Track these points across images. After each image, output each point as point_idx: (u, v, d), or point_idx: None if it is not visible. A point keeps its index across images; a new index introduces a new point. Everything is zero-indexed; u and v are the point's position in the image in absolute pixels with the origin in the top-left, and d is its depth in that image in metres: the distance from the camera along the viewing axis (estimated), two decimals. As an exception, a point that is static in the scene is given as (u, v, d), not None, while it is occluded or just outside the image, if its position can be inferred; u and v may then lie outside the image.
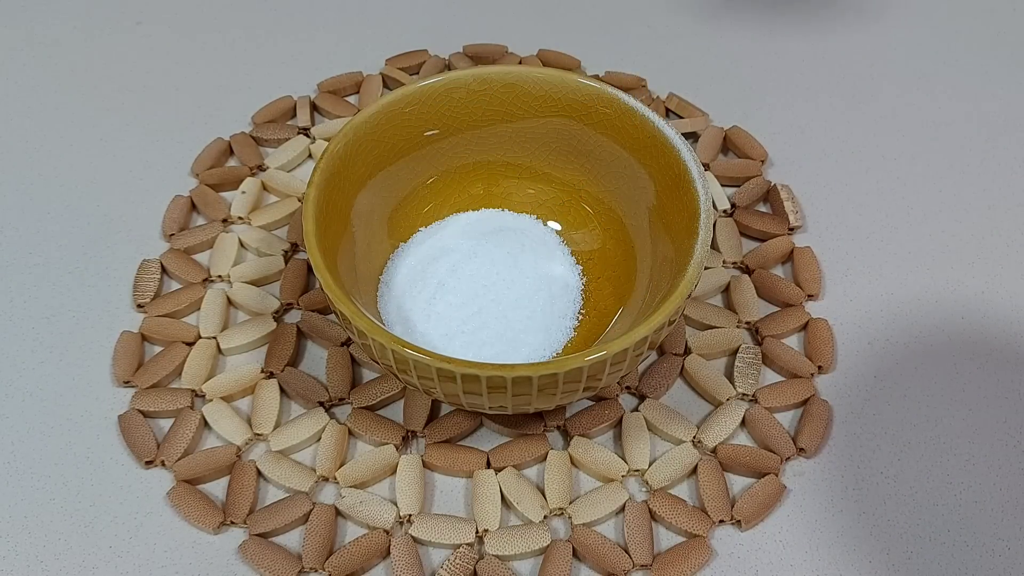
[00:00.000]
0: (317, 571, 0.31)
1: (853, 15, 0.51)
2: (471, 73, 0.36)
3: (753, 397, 0.35)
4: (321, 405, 0.34)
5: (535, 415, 0.34)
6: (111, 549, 0.31)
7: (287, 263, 0.39)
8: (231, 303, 0.38)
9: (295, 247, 0.40)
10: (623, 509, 0.32)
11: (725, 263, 0.39)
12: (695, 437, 0.34)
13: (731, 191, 0.42)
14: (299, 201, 0.41)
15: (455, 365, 0.27)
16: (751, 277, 0.38)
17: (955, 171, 0.43)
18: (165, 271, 0.39)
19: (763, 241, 0.40)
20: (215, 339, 0.36)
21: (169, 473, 0.33)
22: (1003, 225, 0.41)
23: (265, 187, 0.42)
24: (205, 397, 0.35)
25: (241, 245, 0.40)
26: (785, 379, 0.36)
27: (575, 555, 0.31)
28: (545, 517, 0.32)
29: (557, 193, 0.38)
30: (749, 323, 0.37)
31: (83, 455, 0.34)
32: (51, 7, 0.51)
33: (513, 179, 0.38)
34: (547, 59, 0.48)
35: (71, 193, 0.42)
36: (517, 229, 0.37)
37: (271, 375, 0.35)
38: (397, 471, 0.33)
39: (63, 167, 0.43)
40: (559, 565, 0.30)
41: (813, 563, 0.31)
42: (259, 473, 0.33)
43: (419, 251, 0.36)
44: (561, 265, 0.36)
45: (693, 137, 0.45)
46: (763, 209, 0.42)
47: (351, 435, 0.34)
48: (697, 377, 0.35)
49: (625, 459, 0.33)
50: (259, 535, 0.31)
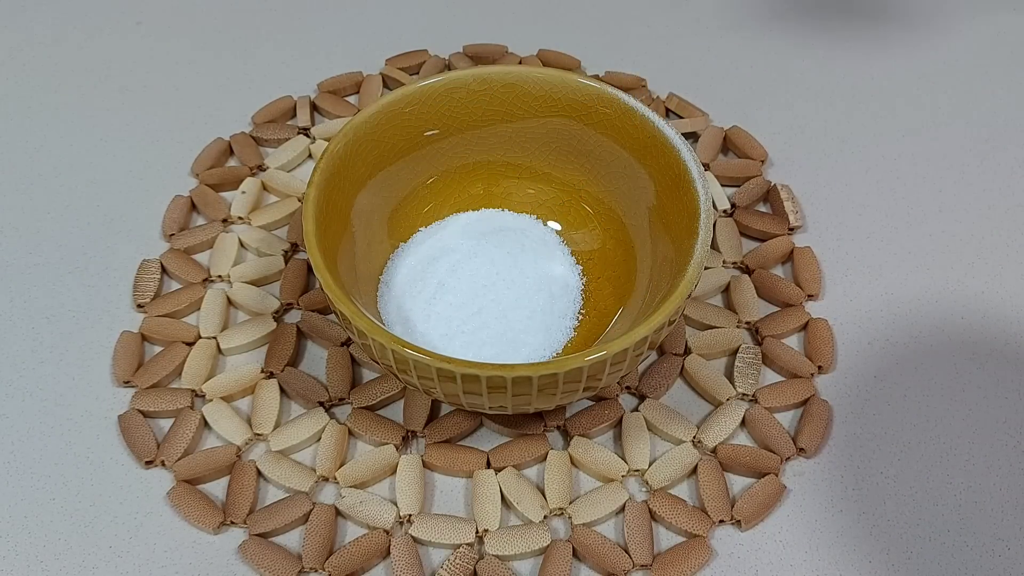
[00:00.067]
0: (317, 571, 0.31)
1: (853, 16, 0.51)
2: (471, 73, 0.36)
3: (753, 397, 0.35)
4: (321, 405, 0.34)
5: (535, 415, 0.34)
6: (111, 549, 0.31)
7: (287, 263, 0.39)
8: (231, 303, 0.38)
9: (295, 247, 0.40)
10: (623, 509, 0.32)
11: (725, 263, 0.39)
12: (695, 437, 0.34)
13: (731, 191, 0.42)
14: (299, 201, 0.41)
15: (455, 365, 0.27)
16: (751, 277, 0.38)
17: (955, 171, 0.43)
18: (165, 271, 0.39)
19: (763, 241, 0.40)
20: (215, 339, 0.36)
21: (169, 473, 0.33)
22: (1003, 225, 0.41)
23: (265, 187, 0.42)
24: (205, 397, 0.35)
25: (241, 245, 0.40)
26: (785, 379, 0.36)
27: (575, 555, 0.31)
28: (545, 517, 0.32)
29: (557, 193, 0.38)
30: (749, 323, 0.37)
31: (83, 455, 0.34)
32: (51, 7, 0.51)
33: (513, 179, 0.38)
34: (547, 59, 0.48)
35: (71, 193, 0.42)
36: (517, 229, 0.37)
37: (271, 375, 0.35)
38: (397, 471, 0.33)
39: (63, 167, 0.43)
40: (559, 565, 0.30)
41: (813, 563, 0.31)
42: (259, 473, 0.33)
43: (419, 251, 0.36)
44: (561, 265, 0.36)
45: (693, 137, 0.45)
46: (763, 209, 0.42)
47: (351, 435, 0.34)
48: (697, 377, 0.35)
49: (625, 459, 0.33)
50: (259, 535, 0.31)
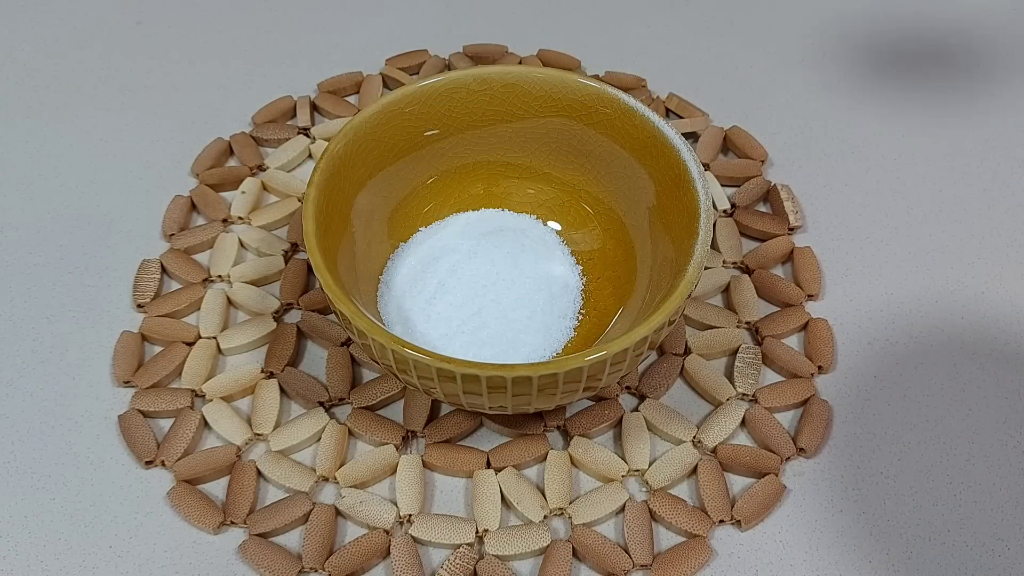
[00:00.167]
0: (317, 571, 0.31)
1: (853, 14, 0.51)
2: (471, 73, 0.36)
3: (753, 397, 0.35)
4: (321, 405, 0.34)
5: (535, 415, 0.34)
6: (111, 549, 0.31)
7: (287, 263, 0.39)
8: (231, 303, 0.38)
9: (295, 247, 0.40)
10: (623, 509, 0.32)
11: (725, 263, 0.39)
12: (695, 437, 0.34)
13: (731, 191, 0.42)
14: (299, 201, 0.41)
15: (455, 365, 0.27)
16: (751, 277, 0.38)
17: (955, 171, 0.43)
18: (165, 271, 0.39)
19: (763, 241, 0.40)
20: (215, 339, 0.36)
21: (169, 473, 0.33)
22: (1003, 225, 0.41)
23: (265, 187, 0.42)
24: (205, 397, 0.35)
25: (241, 245, 0.40)
26: (785, 379, 0.36)
27: (575, 555, 0.31)
28: (545, 517, 0.32)
29: (557, 193, 0.38)
30: (749, 323, 0.37)
31: (83, 455, 0.34)
32: (51, 7, 0.51)
33: (513, 179, 0.38)
34: (547, 59, 0.48)
35: (71, 193, 0.42)
36: (517, 229, 0.37)
37: (271, 375, 0.35)
38: (397, 471, 0.33)
39: (63, 167, 0.43)
40: (559, 565, 0.30)
41: (813, 563, 0.31)
42: (259, 473, 0.33)
43: (419, 251, 0.36)
44: (561, 265, 0.36)
45: (693, 137, 0.45)
46: (763, 209, 0.42)
47: (351, 435, 0.34)
48: (697, 377, 0.35)
49: (625, 459, 0.33)
50: (259, 535, 0.31)
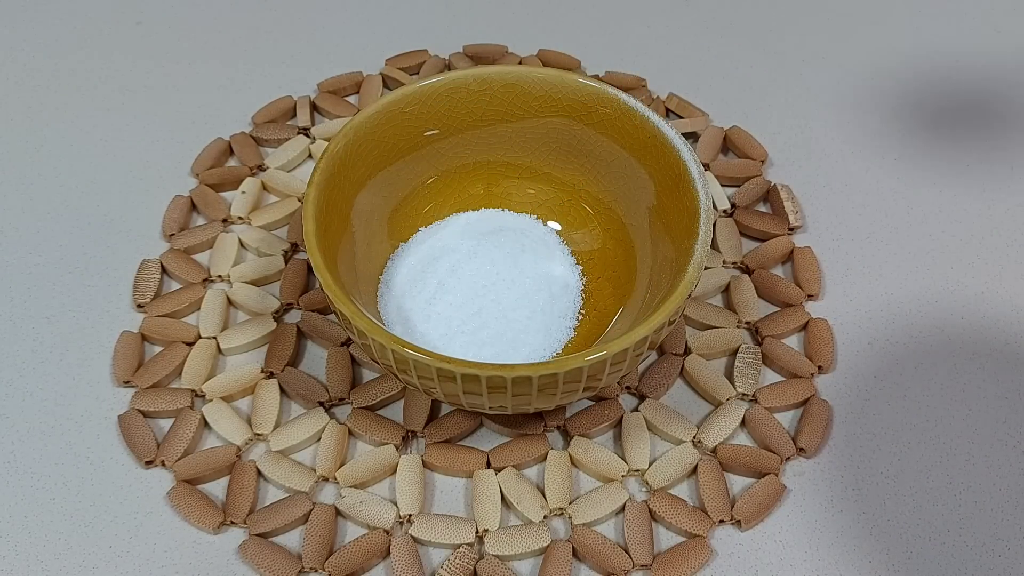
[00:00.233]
0: (317, 571, 0.31)
1: (853, 14, 0.51)
2: (471, 73, 0.36)
3: (753, 397, 0.35)
4: (321, 405, 0.34)
5: (535, 415, 0.34)
6: (111, 549, 0.31)
7: (287, 263, 0.39)
8: (231, 303, 0.38)
9: (295, 247, 0.40)
10: (623, 509, 0.32)
11: (725, 263, 0.39)
12: (695, 437, 0.34)
13: (731, 191, 0.42)
14: (299, 201, 0.41)
15: (455, 365, 0.27)
16: (751, 277, 0.38)
17: (955, 171, 0.43)
18: (165, 271, 0.39)
19: (763, 241, 0.40)
20: (215, 339, 0.36)
21: (169, 473, 0.33)
22: (1003, 225, 0.41)
23: (265, 187, 0.42)
24: (205, 397, 0.35)
25: (241, 245, 0.40)
26: (785, 379, 0.36)
27: (575, 555, 0.31)
28: (545, 517, 0.32)
29: (557, 193, 0.38)
30: (749, 323, 0.37)
31: (83, 455, 0.34)
32: (51, 7, 0.51)
33: (513, 179, 0.38)
34: (547, 59, 0.48)
35: (71, 193, 0.42)
36: (517, 229, 0.37)
37: (271, 375, 0.35)
38: (397, 471, 0.33)
39: (63, 167, 0.43)
40: (559, 565, 0.30)
41: (813, 563, 0.31)
42: (259, 473, 0.33)
43: (419, 251, 0.36)
44: (561, 265, 0.36)
45: (693, 137, 0.45)
46: (763, 209, 0.42)
47: (351, 435, 0.34)
48: (697, 377, 0.35)
49: (625, 459, 0.33)
50: (259, 535, 0.31)
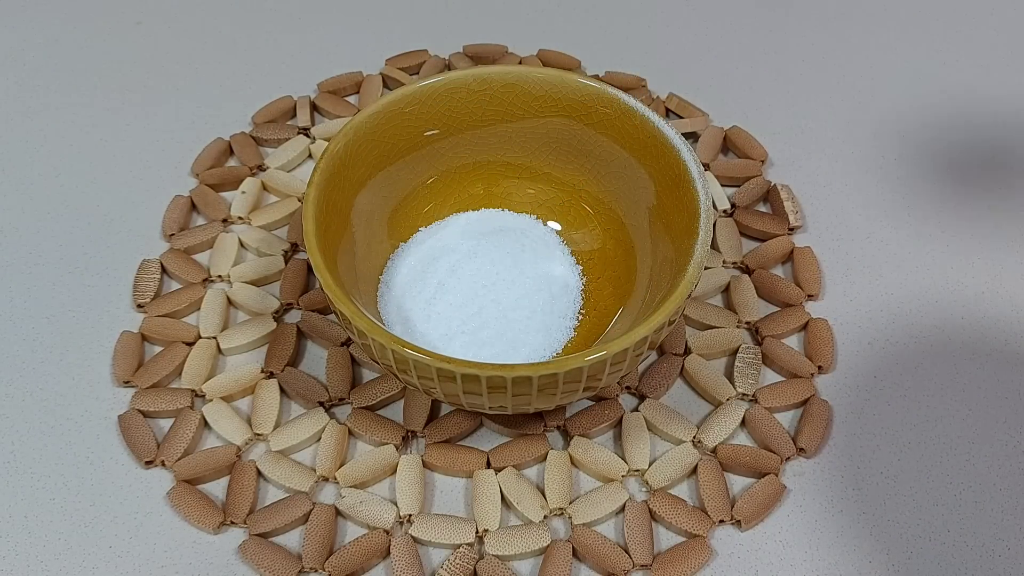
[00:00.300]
0: (317, 571, 0.31)
1: (853, 14, 0.51)
2: (471, 73, 0.36)
3: (753, 397, 0.35)
4: (321, 405, 0.34)
5: (535, 415, 0.34)
6: (111, 549, 0.31)
7: (287, 263, 0.39)
8: (231, 303, 0.38)
9: (295, 247, 0.40)
10: (623, 509, 0.32)
11: (725, 263, 0.39)
12: (695, 437, 0.34)
13: (731, 191, 0.42)
14: (299, 201, 0.41)
15: (455, 365, 0.27)
16: (751, 277, 0.38)
17: (955, 171, 0.43)
18: (165, 271, 0.39)
19: (763, 241, 0.40)
20: (215, 339, 0.36)
21: (169, 473, 0.33)
22: (1003, 225, 0.41)
23: (265, 187, 0.42)
24: (205, 397, 0.35)
25: (241, 245, 0.40)
26: (785, 379, 0.36)
27: (575, 555, 0.31)
28: (545, 517, 0.32)
29: (557, 193, 0.38)
30: (749, 323, 0.37)
31: (83, 455, 0.34)
32: (51, 7, 0.51)
33: (513, 179, 0.38)
34: (547, 59, 0.48)
35: (71, 193, 0.42)
36: (517, 229, 0.37)
37: (271, 375, 0.35)
38: (397, 471, 0.33)
39: (63, 167, 0.43)
40: (559, 565, 0.30)
41: (813, 563, 0.31)
42: (259, 473, 0.33)
43: (419, 251, 0.36)
44: (561, 265, 0.36)
45: (693, 137, 0.45)
46: (763, 209, 0.42)
47: (351, 435, 0.34)
48: (697, 377, 0.35)
49: (625, 459, 0.33)
50: (259, 535, 0.31)
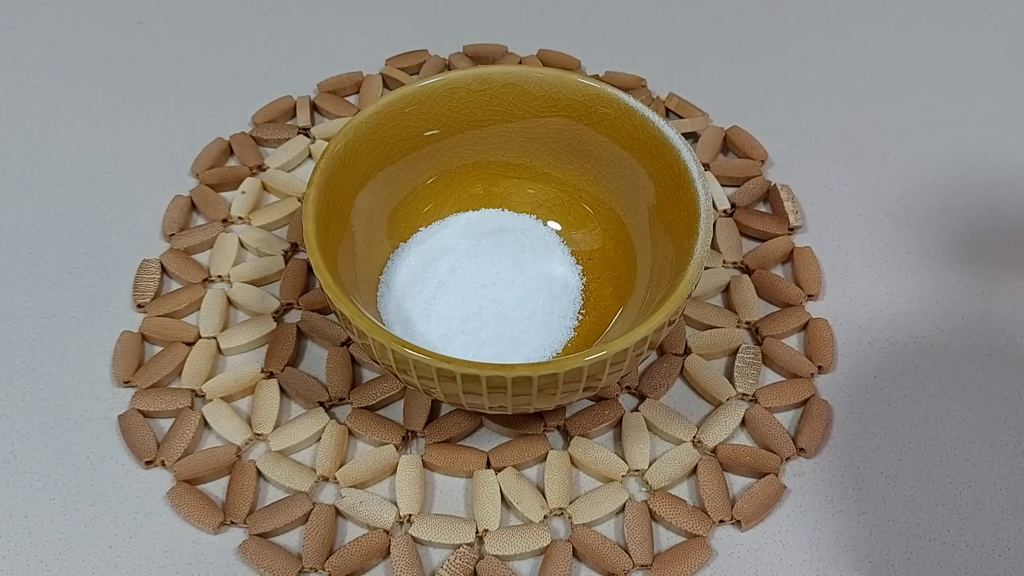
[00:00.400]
0: (317, 571, 0.31)
1: (853, 14, 0.51)
2: (471, 73, 0.36)
3: (753, 397, 0.35)
4: (321, 405, 0.34)
5: (535, 415, 0.34)
6: (111, 549, 0.31)
7: (287, 263, 0.39)
8: (231, 303, 0.38)
9: (295, 247, 0.40)
10: (623, 509, 0.32)
11: (725, 263, 0.39)
12: (695, 437, 0.34)
13: (731, 191, 0.42)
14: (299, 201, 0.41)
15: (455, 365, 0.27)
16: (751, 277, 0.38)
17: (955, 171, 0.43)
18: (165, 271, 0.39)
19: (763, 241, 0.40)
20: (215, 339, 0.36)
21: (169, 473, 0.33)
22: (1003, 225, 0.41)
23: (265, 187, 0.42)
24: (205, 397, 0.35)
25: (241, 245, 0.40)
26: (785, 379, 0.36)
27: (575, 555, 0.31)
28: (545, 517, 0.32)
29: (557, 193, 0.38)
30: (749, 323, 0.37)
31: (83, 455, 0.34)
32: (51, 7, 0.51)
33: (513, 179, 0.38)
34: (547, 59, 0.48)
35: (71, 193, 0.42)
36: (517, 229, 0.37)
37: (271, 375, 0.35)
38: (397, 471, 0.33)
39: (63, 167, 0.43)
40: (559, 565, 0.30)
41: (813, 563, 0.31)
42: (259, 473, 0.33)
43: (419, 251, 0.36)
44: (561, 265, 0.36)
45: (693, 137, 0.45)
46: (763, 209, 0.42)
47: (351, 435, 0.34)
48: (697, 377, 0.35)
49: (625, 459, 0.33)
50: (259, 535, 0.31)
